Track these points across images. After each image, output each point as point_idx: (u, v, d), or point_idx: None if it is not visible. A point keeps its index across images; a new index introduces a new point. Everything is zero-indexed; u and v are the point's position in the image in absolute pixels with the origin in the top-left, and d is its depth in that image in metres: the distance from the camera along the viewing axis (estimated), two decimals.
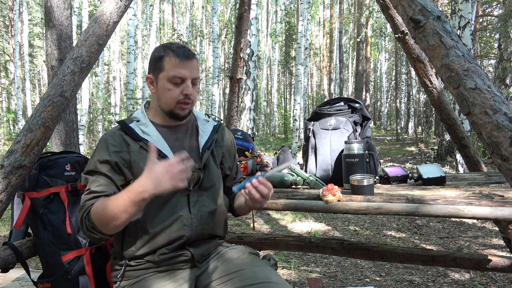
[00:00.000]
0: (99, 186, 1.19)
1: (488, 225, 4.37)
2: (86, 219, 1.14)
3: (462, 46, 1.18)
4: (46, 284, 1.48)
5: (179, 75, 1.24)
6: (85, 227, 1.15)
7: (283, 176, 1.87)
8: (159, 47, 1.30)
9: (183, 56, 1.24)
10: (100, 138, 1.30)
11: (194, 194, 1.27)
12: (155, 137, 1.27)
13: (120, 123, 1.31)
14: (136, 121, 1.31)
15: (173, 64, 1.24)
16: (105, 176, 1.20)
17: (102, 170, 1.21)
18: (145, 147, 1.24)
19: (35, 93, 22.46)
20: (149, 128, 1.29)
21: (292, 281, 2.98)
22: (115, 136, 1.26)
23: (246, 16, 3.19)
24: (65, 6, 3.76)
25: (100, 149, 1.24)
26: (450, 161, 8.51)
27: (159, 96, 1.28)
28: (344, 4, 21.48)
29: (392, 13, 2.25)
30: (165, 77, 1.25)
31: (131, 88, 10.58)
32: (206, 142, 1.34)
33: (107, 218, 1.09)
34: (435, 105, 2.45)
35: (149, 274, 1.24)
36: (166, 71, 1.24)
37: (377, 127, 24.39)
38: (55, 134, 3.70)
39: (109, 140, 1.25)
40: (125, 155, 1.23)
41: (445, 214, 1.40)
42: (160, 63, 1.25)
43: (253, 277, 1.19)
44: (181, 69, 1.24)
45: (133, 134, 1.26)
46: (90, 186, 1.19)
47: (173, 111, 1.28)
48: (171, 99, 1.26)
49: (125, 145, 1.25)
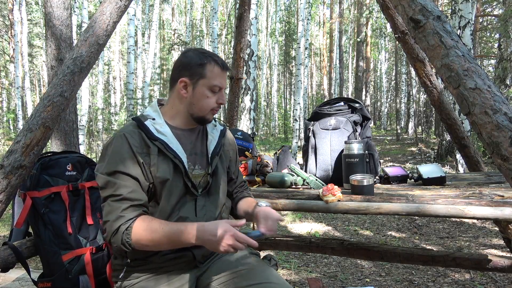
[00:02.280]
0: (131, 192, 1.15)
1: (488, 225, 4.37)
2: (125, 234, 1.11)
3: (462, 46, 1.18)
4: (47, 283, 1.48)
5: (220, 84, 1.26)
6: (119, 240, 1.12)
7: (283, 176, 1.87)
8: (196, 53, 1.27)
9: (224, 67, 1.27)
10: (115, 135, 1.23)
11: (201, 199, 1.28)
12: (170, 138, 1.25)
13: (136, 119, 1.27)
14: (151, 119, 1.27)
15: (216, 73, 1.25)
16: (135, 180, 1.16)
17: (131, 172, 1.16)
18: (162, 148, 1.22)
19: (35, 93, 22.46)
20: (164, 128, 1.26)
21: (292, 281, 2.98)
22: (135, 135, 1.21)
23: (246, 16, 3.19)
24: (65, 6, 3.76)
25: (122, 148, 1.18)
26: (450, 161, 8.51)
27: (193, 101, 1.26)
28: (344, 4, 21.46)
29: (392, 13, 2.25)
30: (206, 84, 1.24)
31: (131, 88, 10.60)
32: (215, 147, 1.34)
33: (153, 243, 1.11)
34: (435, 105, 2.45)
35: (150, 275, 1.24)
36: (208, 79, 1.24)
37: (377, 127, 24.40)
38: (55, 134, 3.70)
39: (130, 140, 1.19)
40: (145, 157, 1.20)
41: (445, 214, 1.41)
42: (201, 69, 1.24)
43: (253, 277, 1.19)
44: (221, 79, 1.26)
45: (148, 133, 1.23)
46: (119, 192, 1.14)
47: (204, 117, 1.29)
48: (207, 106, 1.27)
49: (145, 147, 1.21)
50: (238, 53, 3.21)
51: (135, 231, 1.11)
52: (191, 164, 1.28)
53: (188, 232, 1.09)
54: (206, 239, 1.07)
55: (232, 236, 1.06)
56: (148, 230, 1.11)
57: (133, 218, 1.13)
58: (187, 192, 1.25)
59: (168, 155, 1.22)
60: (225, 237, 1.06)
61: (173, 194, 1.22)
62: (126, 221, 1.12)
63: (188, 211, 1.24)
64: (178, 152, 1.23)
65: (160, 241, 1.11)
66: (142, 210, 1.17)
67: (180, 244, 1.13)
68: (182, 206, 1.24)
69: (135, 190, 1.16)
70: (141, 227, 1.11)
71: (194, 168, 1.29)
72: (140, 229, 1.11)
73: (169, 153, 1.22)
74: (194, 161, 1.29)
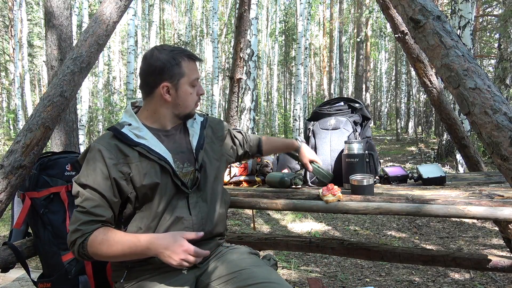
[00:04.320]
0: (96, 207, 1.13)
1: (488, 225, 4.37)
2: (80, 246, 1.11)
3: (462, 46, 1.18)
4: (46, 284, 1.48)
5: (198, 76, 1.28)
6: (76, 252, 1.13)
7: (283, 176, 1.87)
8: (164, 53, 1.23)
9: (195, 58, 1.28)
10: (90, 147, 1.20)
11: (193, 195, 1.27)
12: (152, 140, 1.22)
13: (112, 129, 1.23)
14: (127, 125, 1.24)
15: (192, 68, 1.26)
16: (101, 196, 1.14)
17: (98, 187, 1.14)
18: (144, 152, 1.20)
19: (35, 93, 22.46)
20: (143, 131, 1.23)
21: (292, 281, 2.98)
22: (110, 147, 1.18)
23: (246, 16, 3.18)
24: (65, 6, 3.76)
25: (95, 161, 1.16)
26: (450, 161, 8.51)
27: (178, 102, 1.26)
28: (344, 4, 21.47)
29: (392, 13, 2.25)
30: (187, 82, 1.25)
31: (131, 88, 10.59)
32: (198, 141, 1.33)
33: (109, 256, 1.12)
34: (435, 105, 2.45)
35: (149, 275, 1.24)
36: (187, 76, 1.25)
37: (377, 127, 24.39)
38: (55, 134, 3.70)
39: (104, 152, 1.16)
40: (123, 167, 1.17)
41: (445, 214, 1.40)
42: (178, 68, 1.23)
43: (253, 277, 1.19)
44: (197, 71, 1.28)
45: (127, 140, 1.20)
46: (84, 204, 1.13)
47: (190, 112, 1.31)
48: (192, 102, 1.29)
49: (122, 156, 1.18)
50: (238, 53, 3.21)
51: (91, 244, 1.11)
52: (179, 163, 1.27)
53: (142, 245, 1.10)
54: (159, 252, 1.09)
55: (185, 251, 1.08)
56: (104, 244, 1.10)
57: (89, 232, 1.12)
58: (178, 191, 1.24)
59: (152, 158, 1.20)
60: (177, 251, 1.08)
61: (165, 195, 1.21)
62: (82, 235, 1.11)
63: (182, 210, 1.24)
64: (162, 153, 1.22)
65: (116, 254, 1.11)
66: (101, 224, 1.15)
67: (137, 256, 1.13)
68: (176, 206, 1.24)
69: (100, 205, 1.14)
70: (96, 240, 1.11)
71: (183, 166, 1.28)
72: (95, 243, 1.10)
73: (153, 156, 1.20)
74: (182, 159, 1.28)
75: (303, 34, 11.71)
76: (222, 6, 22.07)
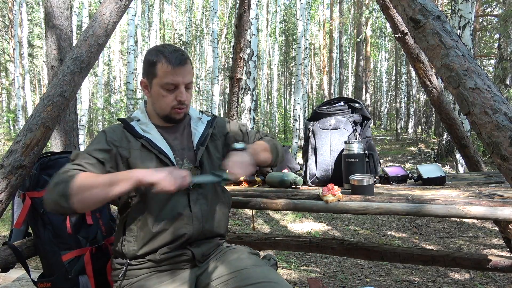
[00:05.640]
0: (89, 165, 1.15)
1: (488, 225, 4.37)
2: (63, 184, 1.05)
3: (462, 46, 1.18)
4: (46, 283, 1.48)
5: (172, 82, 1.23)
6: (55, 193, 1.05)
7: (283, 176, 1.87)
8: (152, 51, 1.26)
9: (176, 63, 1.21)
10: (99, 132, 1.31)
11: (194, 192, 1.28)
12: (156, 136, 1.28)
13: (121, 120, 1.32)
14: (136, 120, 1.31)
15: (165, 71, 1.22)
16: (97, 161, 1.17)
17: (97, 155, 1.18)
18: (147, 145, 1.25)
19: (35, 93, 22.45)
20: (149, 127, 1.30)
21: (292, 281, 2.98)
22: (117, 130, 1.27)
23: (246, 16, 3.19)
24: (65, 6, 3.76)
25: (99, 140, 1.24)
26: (450, 161, 8.51)
27: (154, 101, 1.29)
28: (344, 4, 21.47)
29: (392, 13, 2.25)
30: (158, 83, 1.24)
31: (131, 88, 10.59)
32: (199, 139, 1.34)
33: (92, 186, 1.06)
34: (435, 105, 2.44)
35: (150, 274, 1.24)
36: (159, 78, 1.23)
37: (377, 127, 24.39)
38: (55, 134, 3.70)
39: (109, 133, 1.25)
40: (123, 151, 1.23)
41: (445, 214, 1.40)
42: (153, 68, 1.24)
43: (253, 277, 1.19)
44: (174, 76, 1.22)
45: (134, 132, 1.27)
46: (79, 161, 1.15)
47: (168, 115, 1.30)
48: (165, 105, 1.27)
49: (126, 141, 1.25)
50: (238, 53, 3.21)
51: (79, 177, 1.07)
52: (179, 159, 1.30)
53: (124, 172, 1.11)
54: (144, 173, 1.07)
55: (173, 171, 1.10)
56: (91, 177, 1.09)
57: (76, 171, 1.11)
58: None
59: (152, 151, 1.24)
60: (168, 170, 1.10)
61: None
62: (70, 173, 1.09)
63: (182, 205, 1.25)
64: (163, 147, 1.25)
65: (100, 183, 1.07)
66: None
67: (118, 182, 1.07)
68: (176, 201, 1.24)
69: (94, 164, 1.16)
70: (84, 174, 1.10)
71: (183, 163, 1.30)
72: (83, 176, 1.08)
73: (154, 149, 1.24)
74: (182, 156, 1.31)
75: (303, 34, 11.70)
76: (222, 6, 22.07)
